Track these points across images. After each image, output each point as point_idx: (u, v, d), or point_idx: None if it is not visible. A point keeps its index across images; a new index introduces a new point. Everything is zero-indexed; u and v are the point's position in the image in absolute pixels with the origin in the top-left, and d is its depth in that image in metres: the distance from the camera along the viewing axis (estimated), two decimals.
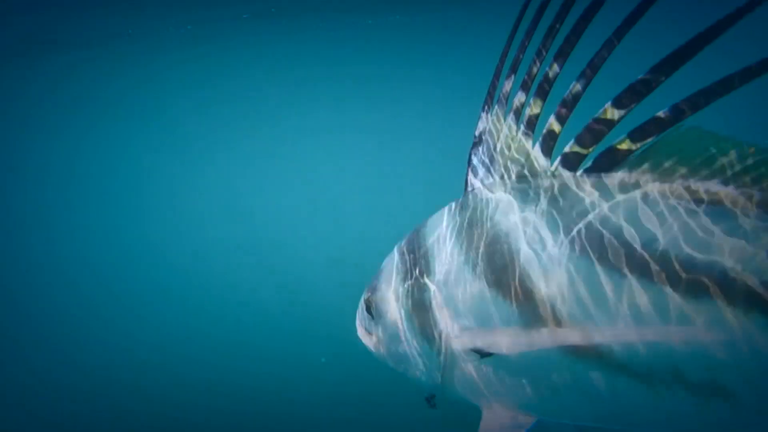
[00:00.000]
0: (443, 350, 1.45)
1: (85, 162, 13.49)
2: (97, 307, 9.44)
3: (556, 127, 1.25)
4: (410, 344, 1.58)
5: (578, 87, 1.19)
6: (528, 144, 1.31)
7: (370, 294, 1.71)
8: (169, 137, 13.59)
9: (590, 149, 1.21)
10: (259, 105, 13.44)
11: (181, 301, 9.36)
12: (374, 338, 1.73)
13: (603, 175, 1.20)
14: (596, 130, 1.18)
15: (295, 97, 13.12)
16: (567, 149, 1.24)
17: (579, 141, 1.21)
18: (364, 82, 12.86)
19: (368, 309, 1.71)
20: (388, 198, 10.82)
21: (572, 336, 1.19)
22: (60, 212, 12.52)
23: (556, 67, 1.24)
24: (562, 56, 1.23)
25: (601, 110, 1.15)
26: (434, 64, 12.38)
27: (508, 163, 1.36)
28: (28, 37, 7.55)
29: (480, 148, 1.43)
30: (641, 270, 1.10)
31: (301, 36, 9.77)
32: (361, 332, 1.80)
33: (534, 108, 1.29)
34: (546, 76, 1.26)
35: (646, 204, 1.13)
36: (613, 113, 1.15)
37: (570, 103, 1.22)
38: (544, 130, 1.27)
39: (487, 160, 1.41)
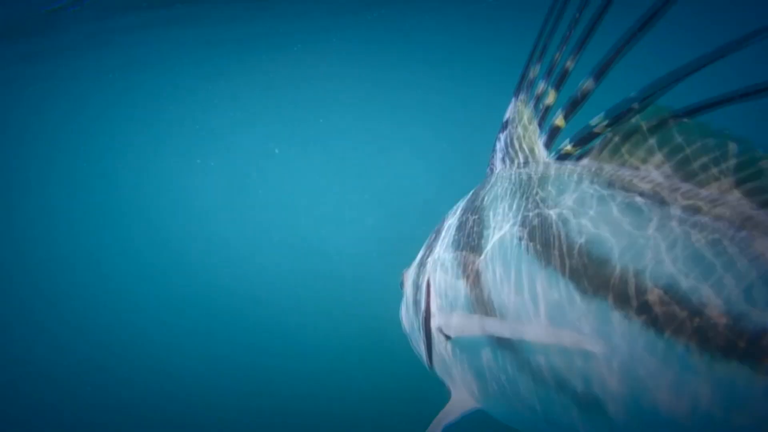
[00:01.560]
0: (427, 328, 1.48)
1: (81, 161, 13.44)
2: (99, 305, 9.44)
3: (560, 122, 1.23)
4: (411, 319, 1.64)
5: (588, 85, 1.13)
6: (536, 134, 1.30)
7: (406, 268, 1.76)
8: (166, 138, 13.55)
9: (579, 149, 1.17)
10: (260, 104, 13.40)
11: (181, 299, 9.36)
12: (401, 310, 1.79)
13: (572, 164, 1.15)
14: (589, 136, 1.13)
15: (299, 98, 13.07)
16: (563, 147, 1.20)
17: (573, 140, 1.17)
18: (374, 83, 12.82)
19: (401, 283, 1.77)
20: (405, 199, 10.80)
21: (493, 327, 1.16)
22: (54, 212, 12.48)
23: (571, 61, 1.20)
24: (579, 50, 1.18)
25: (595, 118, 1.11)
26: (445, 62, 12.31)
27: (518, 151, 1.34)
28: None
29: (504, 134, 1.41)
30: (555, 264, 1.03)
31: (307, 36, 9.71)
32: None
33: (550, 100, 1.27)
34: (564, 69, 1.22)
35: (586, 194, 1.06)
36: (602, 125, 1.09)
37: (578, 101, 1.17)
38: (551, 124, 1.24)
39: (505, 147, 1.40)
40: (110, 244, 11.76)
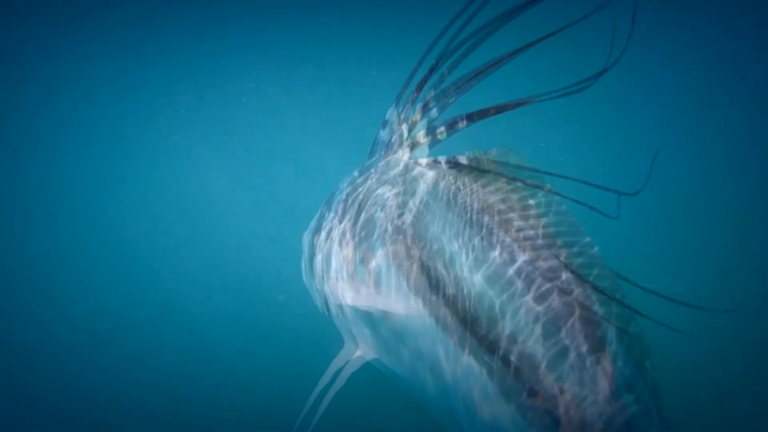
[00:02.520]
0: (324, 290, 1.73)
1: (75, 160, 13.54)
2: (98, 303, 9.50)
3: (423, 138, 1.50)
4: (310, 279, 1.90)
5: (453, 97, 1.41)
6: (408, 137, 1.50)
7: (304, 232, 2.02)
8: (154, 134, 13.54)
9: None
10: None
11: (178, 296, 9.38)
12: (301, 267, 2.04)
13: (431, 167, 1.39)
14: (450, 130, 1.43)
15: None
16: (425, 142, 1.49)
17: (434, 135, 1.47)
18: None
19: (301, 243, 2.03)
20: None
21: (358, 297, 1.39)
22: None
23: (453, 82, 1.42)
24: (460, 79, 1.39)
25: (451, 119, 1.40)
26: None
27: (393, 148, 1.55)
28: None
29: (383, 131, 1.63)
30: (396, 249, 1.27)
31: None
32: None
33: (432, 110, 1.48)
34: (445, 88, 1.44)
35: (433, 195, 1.29)
36: (463, 123, 1.36)
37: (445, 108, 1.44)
38: (419, 130, 1.49)
39: (383, 142, 1.61)
40: (109, 241, 11.87)
